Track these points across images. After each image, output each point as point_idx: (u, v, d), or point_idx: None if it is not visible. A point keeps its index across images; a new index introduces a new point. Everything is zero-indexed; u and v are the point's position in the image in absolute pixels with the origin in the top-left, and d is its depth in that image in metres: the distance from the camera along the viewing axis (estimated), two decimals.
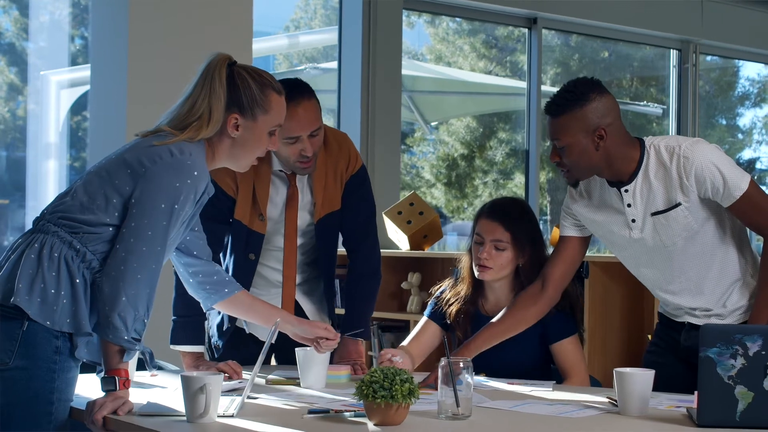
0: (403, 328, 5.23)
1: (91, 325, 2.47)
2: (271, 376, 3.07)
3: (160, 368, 3.29)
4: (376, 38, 6.38)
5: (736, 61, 9.55)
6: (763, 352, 2.27)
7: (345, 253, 3.41)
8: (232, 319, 3.27)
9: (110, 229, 2.49)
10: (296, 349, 2.99)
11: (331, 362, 3.10)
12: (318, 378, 2.95)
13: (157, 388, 2.90)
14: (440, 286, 3.43)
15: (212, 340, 3.31)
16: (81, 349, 2.45)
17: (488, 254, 3.19)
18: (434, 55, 8.63)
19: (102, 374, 2.46)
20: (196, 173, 2.50)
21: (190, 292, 2.88)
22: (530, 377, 3.16)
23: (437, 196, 8.65)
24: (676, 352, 3.05)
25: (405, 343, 3.38)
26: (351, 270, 3.36)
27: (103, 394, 2.44)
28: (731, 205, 2.82)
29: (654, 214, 2.87)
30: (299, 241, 3.28)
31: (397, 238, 5.35)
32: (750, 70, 9.85)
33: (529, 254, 3.22)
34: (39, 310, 2.41)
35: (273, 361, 3.51)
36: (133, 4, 4.84)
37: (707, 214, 2.86)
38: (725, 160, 2.80)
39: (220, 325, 3.29)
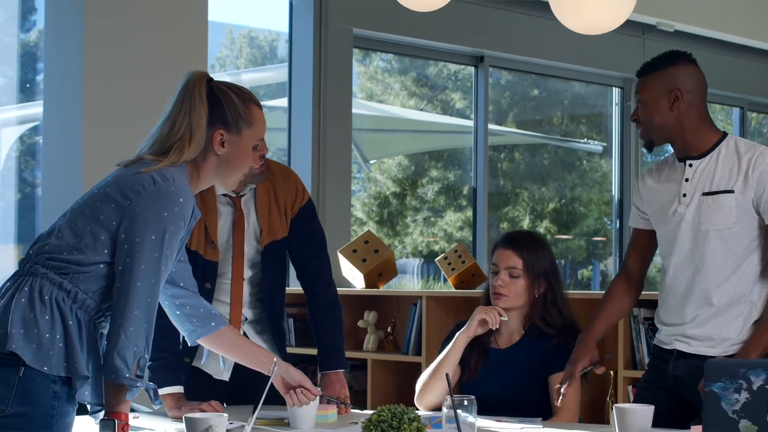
0: (360, 366, 5.20)
1: (88, 366, 2.40)
2: (256, 417, 3.01)
3: (134, 410, 3.21)
4: (326, 76, 6.35)
5: None
6: (767, 386, 2.31)
7: (300, 291, 3.40)
8: (190, 354, 3.23)
9: (101, 266, 2.43)
10: None
11: None
12: (309, 418, 2.91)
13: (147, 431, 2.83)
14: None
15: None
16: (82, 391, 2.38)
17: (503, 281, 3.29)
18: (365, 93, 8.65)
19: (101, 416, 2.39)
20: (181, 200, 2.45)
21: (176, 324, 2.80)
22: (526, 411, 3.16)
23: None
24: (664, 384, 3.09)
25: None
26: (312, 305, 3.37)
27: None
28: None
29: (705, 194, 2.99)
30: (248, 273, 3.27)
31: (353, 276, 5.33)
32: None
33: (543, 289, 3.29)
34: (35, 356, 2.33)
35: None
36: (88, 40, 4.78)
37: (749, 224, 2.96)
38: None
39: None
